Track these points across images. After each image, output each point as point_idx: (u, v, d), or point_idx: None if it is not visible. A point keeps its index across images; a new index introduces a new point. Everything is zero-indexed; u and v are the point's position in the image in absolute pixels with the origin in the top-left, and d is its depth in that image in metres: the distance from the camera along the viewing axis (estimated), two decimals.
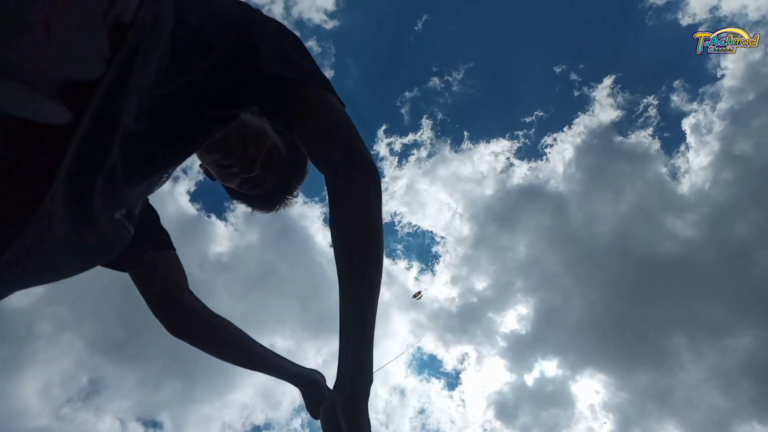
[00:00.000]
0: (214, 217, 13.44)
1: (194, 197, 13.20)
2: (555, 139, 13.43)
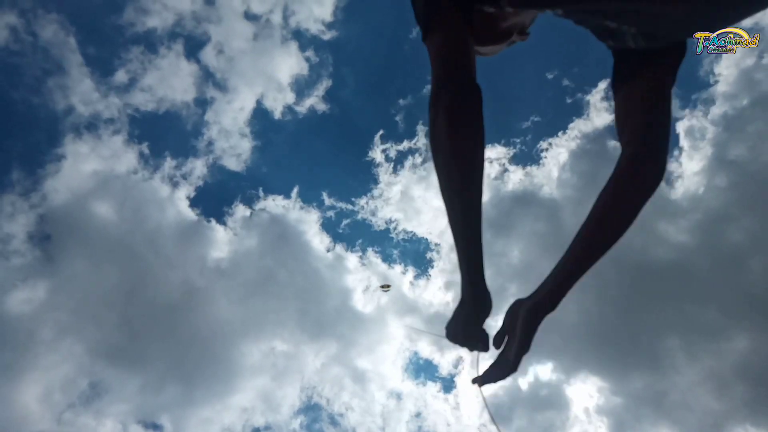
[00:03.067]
0: (213, 222, 13.40)
1: (194, 203, 13.16)
2: (550, 144, 13.49)
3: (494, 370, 0.82)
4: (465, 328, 0.81)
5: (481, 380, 0.83)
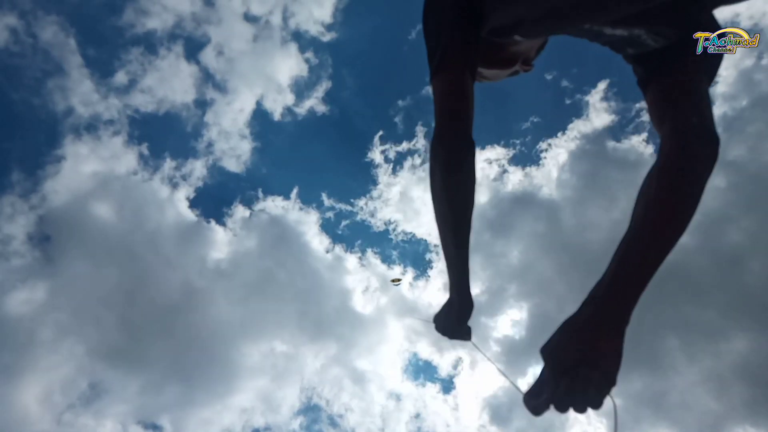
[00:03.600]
0: (213, 222, 13.39)
1: (193, 203, 13.14)
2: (550, 145, 13.49)
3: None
4: (453, 323, 0.98)
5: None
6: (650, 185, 0.73)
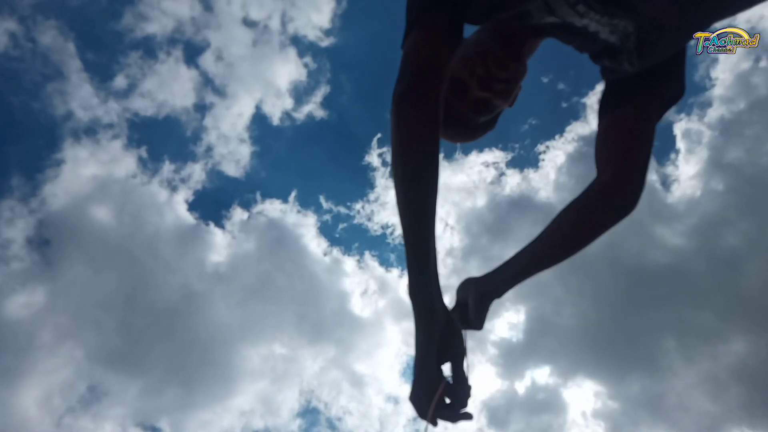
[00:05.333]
0: (212, 225, 13.36)
1: (192, 206, 13.12)
2: (548, 147, 13.51)
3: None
4: (422, 367, 0.65)
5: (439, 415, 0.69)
6: (567, 207, 0.84)
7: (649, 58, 0.74)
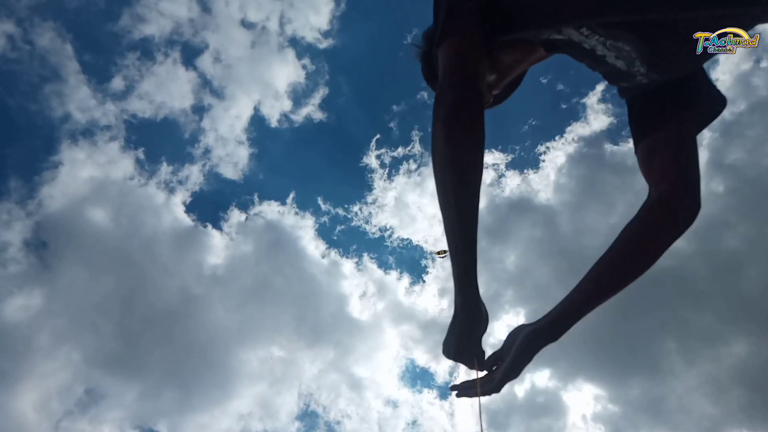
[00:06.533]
0: (209, 227, 13.36)
1: (189, 208, 13.11)
2: (548, 148, 13.51)
3: (476, 384, 0.79)
4: (458, 343, 0.77)
5: (459, 390, 0.81)
6: (624, 231, 0.79)
7: (663, 69, 0.74)
